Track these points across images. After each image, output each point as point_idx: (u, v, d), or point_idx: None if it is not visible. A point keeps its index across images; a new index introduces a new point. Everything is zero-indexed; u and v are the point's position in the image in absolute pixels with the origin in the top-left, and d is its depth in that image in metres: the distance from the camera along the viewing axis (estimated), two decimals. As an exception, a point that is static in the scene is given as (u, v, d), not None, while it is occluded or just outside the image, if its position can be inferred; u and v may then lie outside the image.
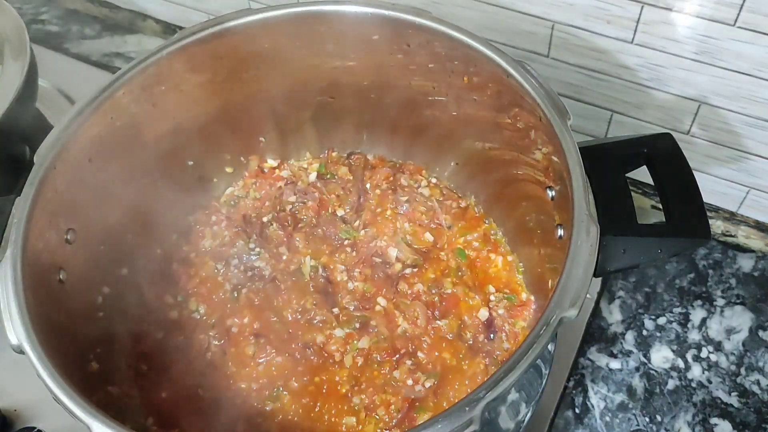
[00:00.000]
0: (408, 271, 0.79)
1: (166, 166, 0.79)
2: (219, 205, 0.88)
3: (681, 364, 0.83)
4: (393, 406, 0.69)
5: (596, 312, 0.87)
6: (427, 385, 0.70)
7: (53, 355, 0.55)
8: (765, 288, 0.88)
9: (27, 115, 0.91)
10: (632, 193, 0.63)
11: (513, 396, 0.64)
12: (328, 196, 0.85)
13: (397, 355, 0.72)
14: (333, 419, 0.70)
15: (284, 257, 0.81)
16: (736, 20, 0.72)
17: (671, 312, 0.87)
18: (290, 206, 0.85)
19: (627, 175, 0.65)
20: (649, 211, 0.95)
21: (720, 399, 0.81)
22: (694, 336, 0.85)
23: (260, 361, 0.73)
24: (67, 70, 1.17)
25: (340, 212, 0.84)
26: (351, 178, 0.87)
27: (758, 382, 0.81)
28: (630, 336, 0.85)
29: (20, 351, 0.55)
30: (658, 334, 0.85)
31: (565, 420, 0.80)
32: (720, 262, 0.91)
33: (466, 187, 0.86)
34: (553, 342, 0.69)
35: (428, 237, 0.82)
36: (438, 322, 0.75)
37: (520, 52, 0.88)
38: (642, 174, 0.67)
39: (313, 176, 0.88)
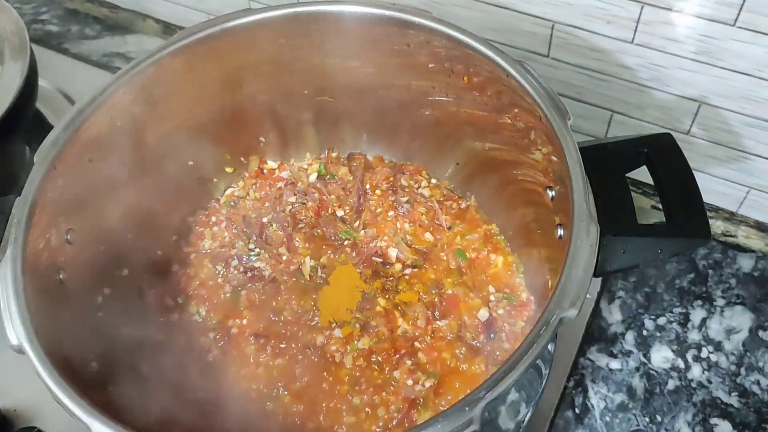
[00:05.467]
0: (408, 271, 0.79)
1: (166, 166, 0.79)
2: (219, 205, 0.87)
3: (681, 364, 0.83)
4: (393, 406, 0.69)
5: (596, 312, 0.87)
6: (427, 385, 0.70)
7: (53, 355, 0.55)
8: (765, 288, 0.88)
9: (27, 115, 0.91)
10: (632, 193, 0.63)
11: (513, 396, 0.64)
12: (328, 197, 0.85)
13: (397, 355, 0.72)
14: (333, 419, 0.70)
15: (284, 258, 0.81)
16: (736, 20, 0.72)
17: (671, 312, 0.87)
18: (290, 207, 0.85)
19: (627, 175, 0.65)
20: (649, 211, 0.95)
21: (720, 399, 0.81)
22: (694, 336, 0.85)
23: (261, 361, 0.73)
24: (67, 70, 1.17)
25: (339, 213, 0.84)
26: (351, 178, 0.87)
27: (758, 382, 0.81)
28: (630, 336, 0.85)
29: (20, 351, 0.55)
30: (658, 334, 0.85)
31: (565, 420, 0.80)
32: (720, 262, 0.91)
33: (466, 188, 0.86)
34: (553, 342, 0.69)
35: (428, 237, 0.82)
36: (438, 322, 0.75)
37: (520, 52, 0.88)
38: (642, 174, 0.66)
39: (313, 177, 0.88)
